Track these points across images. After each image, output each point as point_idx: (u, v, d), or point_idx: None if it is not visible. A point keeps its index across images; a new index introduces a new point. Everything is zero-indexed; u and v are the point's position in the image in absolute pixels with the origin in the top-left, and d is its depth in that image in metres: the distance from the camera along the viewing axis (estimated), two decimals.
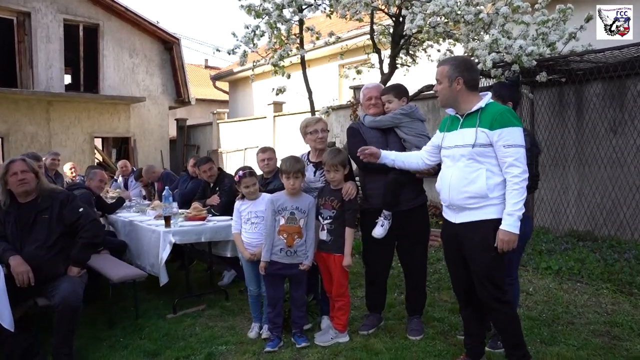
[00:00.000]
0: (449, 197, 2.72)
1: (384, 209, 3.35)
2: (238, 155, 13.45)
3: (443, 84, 2.71)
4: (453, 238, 2.80)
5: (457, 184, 2.66)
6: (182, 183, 6.34)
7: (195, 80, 23.71)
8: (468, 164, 2.64)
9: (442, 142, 2.84)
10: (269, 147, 4.91)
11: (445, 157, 2.80)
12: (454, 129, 2.77)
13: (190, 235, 4.27)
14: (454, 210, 2.75)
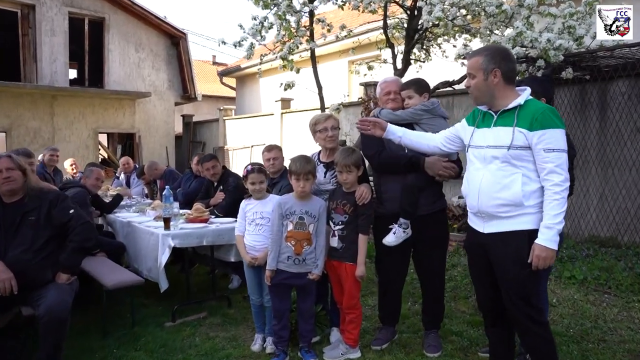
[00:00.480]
0: (477, 203, 2.43)
1: (401, 216, 3.07)
2: (244, 152, 13.20)
3: (477, 77, 2.41)
4: (480, 249, 2.50)
5: (489, 189, 2.37)
6: (185, 182, 6.08)
7: (202, 77, 23.54)
8: (502, 167, 2.35)
9: (471, 140, 2.54)
10: (274, 145, 4.64)
11: (475, 157, 2.50)
12: (485, 125, 2.48)
13: (191, 239, 4.01)
14: (482, 218, 2.45)
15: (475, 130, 2.53)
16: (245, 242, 3.43)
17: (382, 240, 3.09)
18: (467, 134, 2.59)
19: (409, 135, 2.91)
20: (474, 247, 2.57)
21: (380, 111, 3.28)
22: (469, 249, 2.64)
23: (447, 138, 2.79)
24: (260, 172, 3.43)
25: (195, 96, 14.50)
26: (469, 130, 2.58)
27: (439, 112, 3.16)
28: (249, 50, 5.10)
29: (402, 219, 3.07)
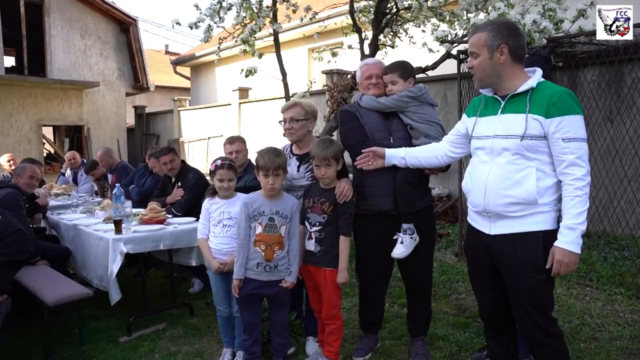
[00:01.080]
0: (484, 201, 2.14)
1: (403, 221, 2.75)
2: (201, 144, 12.62)
3: (481, 56, 2.11)
4: (484, 252, 2.22)
5: (497, 185, 2.08)
6: (138, 178, 5.56)
7: (154, 66, 22.61)
8: (513, 160, 2.06)
9: (474, 130, 2.25)
10: (237, 136, 4.24)
11: (479, 149, 2.21)
12: (491, 113, 2.19)
13: (146, 243, 3.56)
14: (488, 217, 2.17)
15: (479, 120, 2.24)
16: (211, 245, 3.04)
17: (392, 254, 2.76)
18: (470, 126, 2.29)
19: (413, 152, 2.63)
20: (476, 250, 2.29)
21: (360, 97, 2.95)
22: (470, 251, 2.36)
23: (451, 143, 2.51)
24: (231, 169, 3.06)
25: (148, 86, 13.73)
26: (471, 121, 2.29)
27: (427, 98, 2.86)
28: (206, 32, 4.64)
29: (404, 225, 2.75)
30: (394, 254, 2.76)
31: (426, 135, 2.78)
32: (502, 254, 2.13)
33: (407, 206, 2.74)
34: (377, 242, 2.85)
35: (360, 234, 2.92)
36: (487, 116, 2.20)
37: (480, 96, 2.30)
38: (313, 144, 2.85)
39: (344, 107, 3.04)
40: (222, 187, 3.01)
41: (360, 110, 2.91)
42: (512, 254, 2.08)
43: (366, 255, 2.93)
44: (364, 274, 3.01)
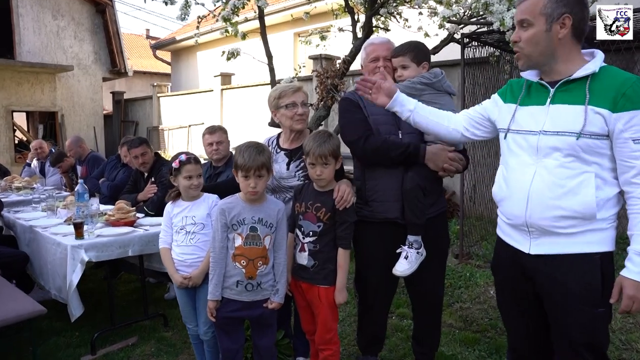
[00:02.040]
0: (525, 213, 1.73)
1: (409, 232, 2.33)
2: (181, 132, 12.06)
3: (535, 26, 1.67)
4: (520, 275, 1.82)
5: (545, 193, 1.67)
6: (109, 170, 5.05)
7: (135, 51, 21.83)
8: (565, 163, 1.64)
9: (512, 122, 1.82)
10: (218, 126, 3.79)
11: (518, 147, 1.79)
12: (535, 102, 1.76)
13: (111, 250, 3.09)
14: (528, 233, 1.76)
15: (519, 108, 1.81)
16: (174, 256, 2.61)
17: (393, 271, 2.33)
18: (505, 114, 1.86)
19: (423, 110, 2.11)
20: (509, 272, 1.88)
21: None
22: (501, 273, 1.96)
23: (471, 119, 2.05)
24: (197, 163, 2.64)
25: (126, 71, 13.07)
26: (508, 108, 1.86)
27: (444, 86, 2.42)
28: (182, 9, 4.13)
29: (411, 237, 2.32)
30: (396, 271, 2.34)
31: None
32: (546, 279, 1.73)
33: (416, 216, 2.31)
34: (380, 254, 2.43)
35: (360, 244, 2.49)
36: (530, 106, 1.78)
37: (521, 79, 1.87)
38: (307, 137, 2.40)
39: (346, 94, 2.59)
40: (192, 185, 2.58)
41: (364, 98, 2.47)
42: (560, 280, 1.68)
43: (367, 268, 2.51)
44: (364, 289, 2.59)
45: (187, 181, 2.57)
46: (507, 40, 3.70)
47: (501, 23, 3.42)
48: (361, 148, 2.36)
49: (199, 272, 2.53)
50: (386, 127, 2.39)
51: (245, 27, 4.90)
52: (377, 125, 2.39)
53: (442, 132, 2.12)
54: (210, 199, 2.63)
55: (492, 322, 3.48)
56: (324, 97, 5.51)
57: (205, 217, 2.58)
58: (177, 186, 2.66)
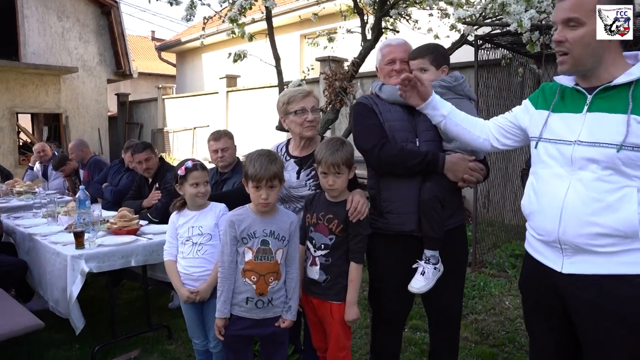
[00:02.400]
0: (558, 229, 1.59)
1: (426, 247, 2.19)
2: (186, 135, 11.97)
3: (587, 25, 1.52)
4: (551, 295, 1.68)
5: (580, 209, 1.53)
6: (112, 175, 4.94)
7: (140, 53, 21.82)
8: (604, 176, 1.51)
9: (544, 130, 1.68)
10: (224, 131, 3.66)
11: (550, 157, 1.65)
12: (570, 110, 1.62)
13: (113, 260, 2.97)
14: (561, 250, 1.61)
15: (552, 115, 1.67)
16: (179, 268, 2.49)
17: (409, 288, 2.19)
18: (537, 122, 1.72)
19: (457, 117, 1.99)
20: (538, 291, 1.74)
21: (380, 87, 2.37)
22: (529, 288, 1.81)
23: (500, 128, 1.91)
24: (204, 170, 2.54)
25: (131, 72, 13.00)
26: (539, 115, 1.72)
27: (465, 90, 2.28)
28: (188, 10, 4.02)
29: (428, 251, 2.18)
30: (412, 288, 2.19)
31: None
32: (579, 300, 1.59)
33: (433, 229, 2.17)
34: (396, 269, 2.29)
35: (374, 258, 2.35)
36: (564, 113, 1.64)
37: (554, 84, 1.73)
38: (319, 145, 2.27)
39: (359, 99, 2.45)
40: (199, 192, 2.47)
41: (380, 103, 2.33)
42: (597, 304, 1.53)
43: (381, 283, 2.37)
44: (378, 304, 2.45)
45: (193, 189, 2.45)
46: (523, 42, 3.57)
47: (519, 24, 3.28)
48: (376, 157, 2.22)
49: (207, 285, 2.42)
50: (403, 134, 2.25)
51: (252, 28, 4.78)
52: (392, 132, 2.25)
53: (472, 141, 1.99)
54: (218, 208, 2.51)
55: (509, 335, 3.34)
56: (332, 100, 5.38)
57: (212, 228, 2.46)
58: (182, 195, 2.54)
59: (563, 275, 1.61)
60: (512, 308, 3.79)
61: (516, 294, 4.07)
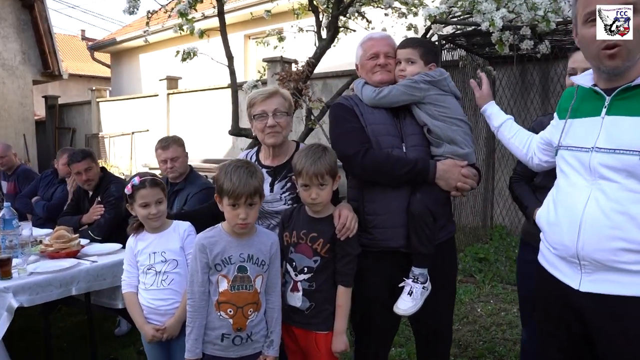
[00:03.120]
0: (576, 243, 1.42)
1: (415, 264, 1.97)
2: (124, 140, 11.25)
3: None
4: (567, 311, 1.51)
5: (601, 221, 1.37)
6: (44, 187, 4.38)
7: (70, 53, 20.52)
8: (627, 185, 1.36)
9: (563, 136, 1.53)
10: (172, 138, 3.30)
11: (568, 166, 1.50)
12: (588, 113, 1.48)
13: (49, 290, 2.53)
14: (579, 266, 1.45)
15: (570, 121, 1.52)
16: (142, 301, 2.13)
17: (394, 309, 1.96)
18: (558, 130, 1.58)
19: (509, 131, 2.00)
20: (552, 306, 1.58)
21: (362, 85, 2.13)
22: (542, 305, 1.65)
23: (542, 142, 1.81)
24: (156, 186, 2.15)
25: (60, 73, 12.02)
26: (561, 124, 1.57)
27: (450, 86, 2.09)
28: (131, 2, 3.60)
29: (417, 269, 1.96)
30: (398, 309, 1.97)
31: (450, 142, 2.01)
32: (600, 322, 1.42)
33: (423, 244, 1.95)
34: (382, 289, 2.06)
35: (358, 278, 2.10)
36: (583, 117, 1.48)
37: (572, 87, 1.57)
38: (297, 153, 1.99)
39: (339, 100, 2.20)
40: (150, 215, 2.10)
41: (361, 104, 2.10)
42: (622, 329, 1.38)
43: (365, 304, 2.12)
44: (360, 327, 2.20)
45: (143, 210, 2.09)
46: (492, 42, 3.46)
47: (491, 23, 3.16)
48: (359, 164, 1.98)
49: (175, 321, 2.07)
50: (388, 139, 2.03)
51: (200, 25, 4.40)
52: (376, 137, 2.02)
53: (521, 158, 1.96)
54: (182, 228, 2.17)
55: (488, 345, 3.21)
56: None
57: (178, 252, 2.11)
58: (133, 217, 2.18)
59: (580, 294, 1.45)
60: (484, 315, 3.68)
61: (486, 300, 3.98)
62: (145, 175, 2.20)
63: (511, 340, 3.27)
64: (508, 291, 4.11)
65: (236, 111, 4.45)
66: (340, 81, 7.26)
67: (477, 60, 5.25)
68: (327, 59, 5.07)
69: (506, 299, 3.97)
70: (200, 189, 3.16)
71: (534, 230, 2.11)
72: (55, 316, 3.84)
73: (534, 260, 2.20)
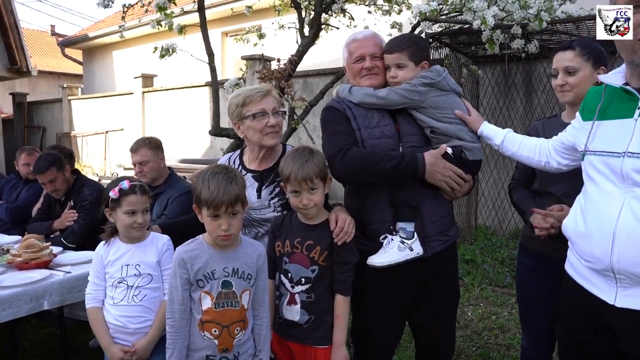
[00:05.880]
0: (610, 255, 1.32)
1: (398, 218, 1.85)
2: (98, 139, 10.90)
3: None
4: (598, 325, 1.41)
5: (638, 232, 1.27)
6: (8, 192, 4.11)
7: (38, 49, 19.88)
8: None
9: (590, 140, 1.43)
10: (143, 140, 3.15)
11: (598, 172, 1.40)
12: (619, 114, 1.38)
13: (17, 305, 2.32)
14: (614, 280, 1.35)
15: (597, 123, 1.43)
16: (108, 319, 1.97)
17: (367, 261, 1.82)
18: (583, 133, 1.48)
19: (512, 144, 1.91)
20: (582, 319, 1.48)
21: (349, 89, 2.01)
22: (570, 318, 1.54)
23: (561, 145, 1.72)
24: (145, 194, 2.00)
25: (29, 69, 11.52)
26: (586, 126, 1.47)
27: (450, 84, 1.98)
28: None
29: (400, 224, 1.83)
30: (370, 260, 1.82)
31: (458, 139, 1.92)
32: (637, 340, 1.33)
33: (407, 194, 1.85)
34: (384, 299, 1.95)
35: (361, 288, 1.98)
36: (612, 119, 1.38)
37: (599, 87, 1.47)
38: (283, 159, 1.85)
39: (330, 103, 2.07)
40: (135, 223, 1.94)
41: (354, 107, 1.97)
42: None
43: (367, 315, 2.01)
44: (361, 339, 2.09)
45: (128, 218, 1.93)
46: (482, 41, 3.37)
47: (482, 22, 3.07)
48: (339, 164, 1.85)
49: (147, 342, 1.92)
50: (383, 142, 1.92)
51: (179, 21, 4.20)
52: (373, 140, 1.91)
53: (535, 165, 1.88)
54: (161, 242, 2.01)
55: (481, 351, 3.14)
56: None
57: (154, 266, 1.96)
58: (112, 223, 2.01)
59: (616, 309, 1.35)
60: (476, 320, 3.60)
61: (476, 304, 3.91)
62: (134, 180, 2.04)
63: (504, 345, 3.20)
64: (497, 294, 4.05)
65: (217, 110, 4.28)
66: (321, 80, 7.14)
67: (461, 59, 5.19)
68: (307, 57, 4.94)
69: (496, 302, 3.91)
70: (180, 192, 3.01)
71: (532, 235, 2.04)
72: (24, 328, 3.61)
73: (533, 266, 2.14)
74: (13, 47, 11.01)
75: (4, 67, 11.28)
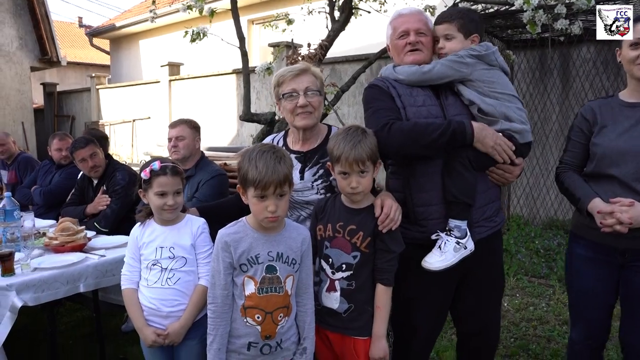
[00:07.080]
0: None
1: (451, 215, 1.76)
2: (125, 127, 11.01)
3: None
4: None
5: None
6: (42, 176, 4.16)
7: (67, 40, 20.19)
8: None
9: None
10: (185, 119, 3.13)
11: None
12: None
13: (55, 287, 2.33)
14: None
15: None
16: (142, 301, 1.92)
17: (422, 263, 1.75)
18: None
19: None
20: None
21: (393, 69, 1.92)
22: None
23: None
24: (177, 175, 1.93)
25: (59, 60, 11.73)
26: None
27: (498, 60, 1.88)
28: None
29: (454, 221, 1.75)
30: (425, 263, 1.75)
31: (505, 119, 1.82)
32: None
33: (460, 191, 1.74)
34: (429, 286, 1.87)
35: (405, 274, 1.90)
36: None
37: None
38: (332, 137, 1.78)
39: (373, 81, 1.98)
40: (166, 205, 1.88)
41: (399, 86, 1.89)
42: None
43: (410, 303, 1.93)
44: (404, 327, 2.01)
45: (159, 199, 1.88)
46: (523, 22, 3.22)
47: (525, 1, 2.93)
48: (385, 138, 1.76)
49: (180, 326, 1.86)
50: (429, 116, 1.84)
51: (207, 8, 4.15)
52: (418, 119, 1.82)
53: None
54: (196, 224, 1.95)
55: (520, 343, 3.04)
56: None
57: (188, 249, 1.90)
58: (146, 204, 1.97)
59: None
60: (512, 310, 3.50)
61: (512, 294, 3.80)
62: (166, 161, 1.99)
63: (544, 337, 3.09)
64: (534, 284, 3.93)
65: (248, 95, 4.23)
66: (350, 66, 7.02)
67: (496, 44, 5.01)
68: (334, 44, 4.84)
69: (533, 292, 3.79)
70: (211, 175, 2.97)
71: (588, 223, 1.92)
72: (59, 311, 3.65)
73: (589, 256, 2.02)
74: (44, 37, 11.20)
75: (36, 58, 11.49)
